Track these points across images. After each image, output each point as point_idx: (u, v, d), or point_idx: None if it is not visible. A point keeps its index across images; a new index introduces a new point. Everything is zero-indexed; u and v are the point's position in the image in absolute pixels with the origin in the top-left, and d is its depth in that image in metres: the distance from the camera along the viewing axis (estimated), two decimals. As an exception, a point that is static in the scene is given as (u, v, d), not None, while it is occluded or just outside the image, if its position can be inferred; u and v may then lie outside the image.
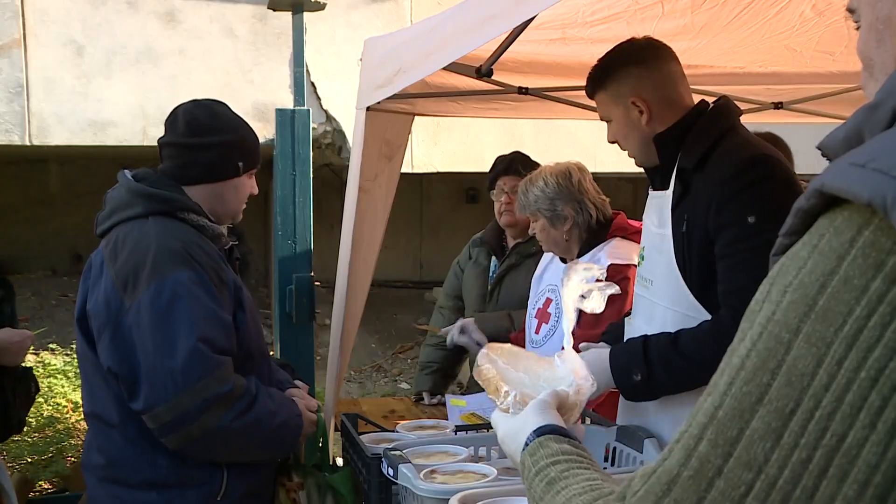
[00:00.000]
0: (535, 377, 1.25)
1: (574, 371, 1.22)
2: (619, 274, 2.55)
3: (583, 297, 1.40)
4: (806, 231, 0.67)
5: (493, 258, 3.41)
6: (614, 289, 1.48)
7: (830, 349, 0.61)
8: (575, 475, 0.90)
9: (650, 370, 1.88)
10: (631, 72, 1.99)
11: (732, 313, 1.80)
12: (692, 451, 0.68)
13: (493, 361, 1.29)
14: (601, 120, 2.11)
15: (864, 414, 0.59)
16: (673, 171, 1.96)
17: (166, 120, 2.19)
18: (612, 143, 2.09)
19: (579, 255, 2.70)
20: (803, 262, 0.65)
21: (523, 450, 1.02)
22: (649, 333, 1.96)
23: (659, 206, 2.01)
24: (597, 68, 2.06)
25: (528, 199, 2.72)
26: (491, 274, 3.38)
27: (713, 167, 1.87)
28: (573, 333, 1.43)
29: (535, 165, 3.09)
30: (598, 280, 1.44)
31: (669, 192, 1.96)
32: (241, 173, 2.18)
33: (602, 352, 2.00)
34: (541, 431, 1.03)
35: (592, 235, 2.70)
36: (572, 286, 1.52)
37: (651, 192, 2.08)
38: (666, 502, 0.68)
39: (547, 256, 2.92)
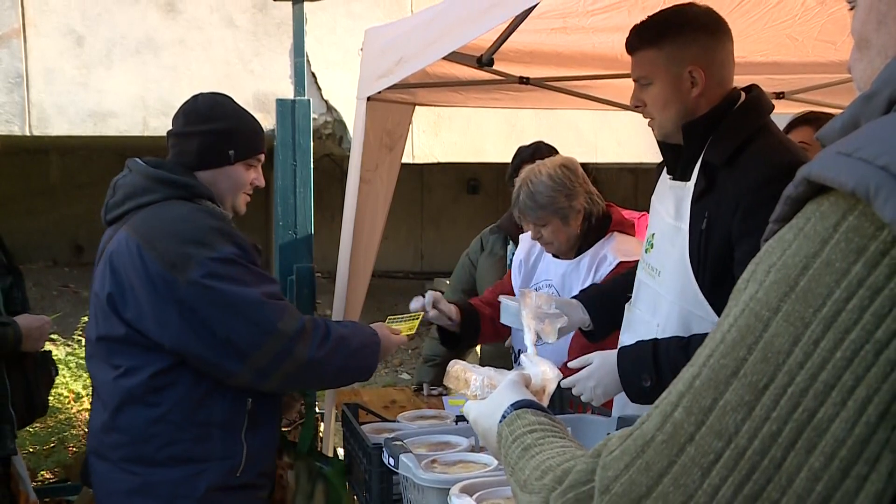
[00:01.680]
0: (501, 373, 1.34)
1: (542, 369, 1.31)
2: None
3: (540, 322, 1.48)
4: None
5: (510, 246, 3.37)
6: (563, 320, 1.55)
7: (808, 329, 0.62)
8: (550, 443, 0.93)
9: (660, 376, 1.80)
10: (699, 38, 1.81)
11: None
12: (668, 417, 0.70)
13: (458, 362, 1.37)
14: (634, 81, 1.90)
15: (836, 392, 0.60)
16: (696, 162, 1.84)
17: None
18: (636, 106, 1.91)
19: (581, 251, 2.59)
20: (788, 244, 0.67)
21: (500, 421, 1.06)
22: (652, 324, 1.91)
23: (678, 198, 1.89)
24: (655, 23, 1.85)
25: (539, 202, 2.48)
26: (509, 261, 3.35)
27: (744, 167, 1.76)
28: None
29: (557, 153, 3.02)
30: (547, 310, 1.51)
31: (691, 184, 1.84)
32: (232, 161, 2.19)
33: (608, 355, 1.91)
34: (518, 405, 1.06)
35: (594, 229, 2.59)
36: (530, 312, 1.59)
37: (668, 180, 1.96)
38: (638, 464, 0.70)
39: (527, 241, 2.77)
